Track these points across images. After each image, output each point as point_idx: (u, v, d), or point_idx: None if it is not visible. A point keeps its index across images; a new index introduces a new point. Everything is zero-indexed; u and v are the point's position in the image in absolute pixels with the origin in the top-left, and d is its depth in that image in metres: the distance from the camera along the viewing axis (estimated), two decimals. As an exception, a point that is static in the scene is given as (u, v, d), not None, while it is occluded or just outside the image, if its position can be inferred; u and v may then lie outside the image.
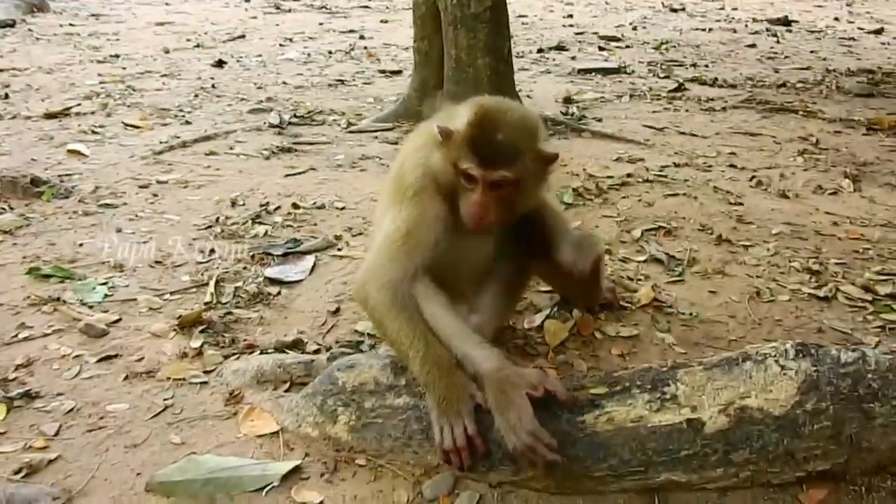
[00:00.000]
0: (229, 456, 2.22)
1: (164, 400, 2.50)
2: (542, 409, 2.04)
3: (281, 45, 10.08)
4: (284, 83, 7.67)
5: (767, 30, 12.05)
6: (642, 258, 3.66)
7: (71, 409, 2.44)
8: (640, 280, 3.44)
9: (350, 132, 5.91)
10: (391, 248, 2.31)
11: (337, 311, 3.14)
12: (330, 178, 4.78)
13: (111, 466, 2.21)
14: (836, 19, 13.49)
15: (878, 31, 12.13)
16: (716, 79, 8.12)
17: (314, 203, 4.31)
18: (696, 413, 2.03)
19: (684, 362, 2.19)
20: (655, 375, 2.14)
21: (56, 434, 2.33)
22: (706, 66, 9.01)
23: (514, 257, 2.62)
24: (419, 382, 2.20)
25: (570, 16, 13.38)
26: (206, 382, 2.61)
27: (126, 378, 2.63)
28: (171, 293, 3.24)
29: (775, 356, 2.09)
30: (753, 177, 4.92)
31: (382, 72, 8.42)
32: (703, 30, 11.97)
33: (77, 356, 2.74)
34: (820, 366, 2.06)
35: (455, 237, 2.36)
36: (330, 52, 9.54)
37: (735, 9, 14.58)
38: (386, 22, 12.45)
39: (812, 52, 10.18)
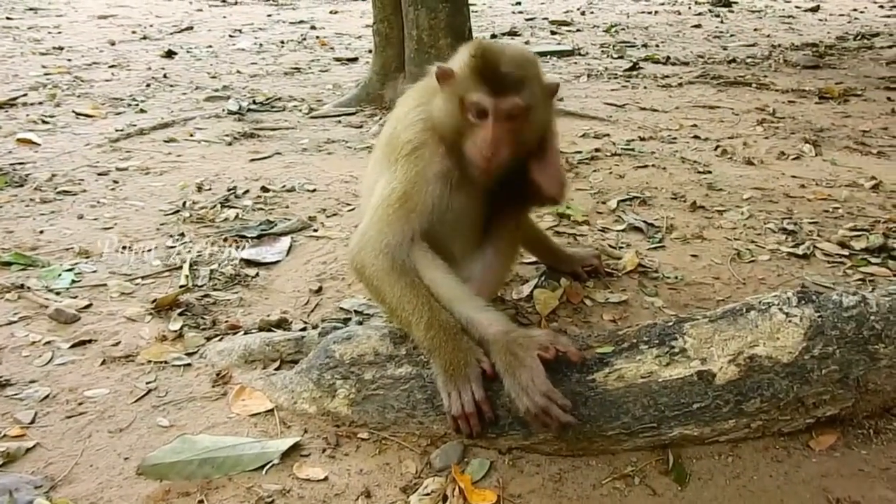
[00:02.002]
0: (224, 436, 2.12)
1: (147, 383, 2.38)
2: (550, 370, 1.98)
3: (231, 36, 9.86)
4: (239, 72, 7.49)
5: (710, 11, 12.29)
6: (621, 227, 3.65)
7: (46, 396, 2.31)
8: (621, 248, 3.42)
9: (312, 117, 5.79)
10: (387, 211, 2.22)
11: (319, 290, 3.04)
12: (297, 162, 4.66)
13: (96, 452, 2.08)
14: (774, -1, 13.82)
15: (815, 9, 12.48)
16: (668, 57, 8.20)
17: (284, 186, 4.19)
18: (706, 365, 2.00)
19: (688, 316, 2.16)
20: (661, 330, 2.10)
21: (32, 422, 2.20)
22: (657, 46, 9.11)
23: (505, 223, 2.55)
24: (423, 349, 2.12)
25: (519, 3, 13.40)
26: (189, 364, 2.49)
27: (103, 363, 2.49)
28: (143, 277, 3.10)
29: (779, 304, 2.08)
30: (718, 146, 4.97)
31: (338, 59, 8.29)
32: (649, 13, 12.13)
33: (48, 342, 2.60)
34: (823, 311, 2.05)
35: (453, 196, 2.28)
36: (282, 42, 9.36)
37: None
38: (335, 13, 12.30)
39: (755, 29, 10.38)
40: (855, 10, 12.51)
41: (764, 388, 1.98)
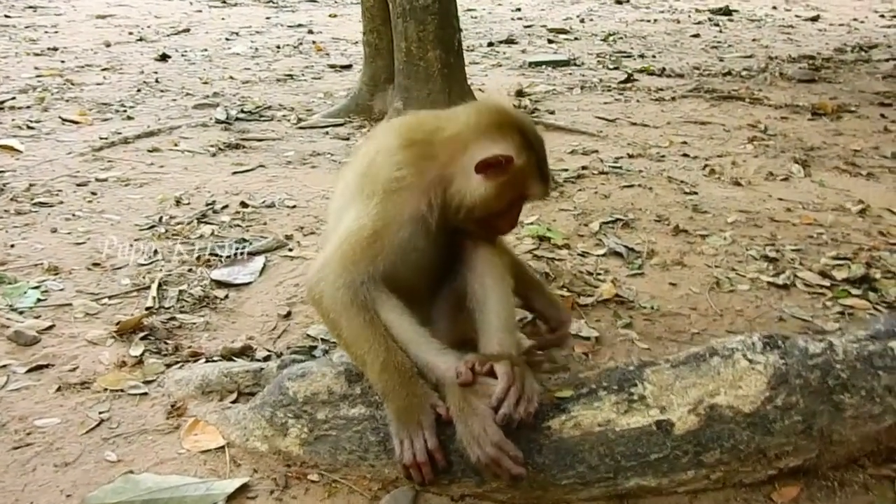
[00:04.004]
0: (170, 474, 2.06)
1: (100, 413, 2.33)
2: (505, 413, 1.93)
3: (227, 39, 9.79)
4: (231, 78, 7.43)
5: (710, 19, 12.17)
6: (601, 252, 3.60)
7: (-5, 426, 2.26)
8: (599, 275, 3.36)
9: (300, 128, 5.73)
10: (354, 247, 2.13)
11: (288, 314, 2.99)
12: (280, 176, 4.61)
13: (38, 487, 2.02)
14: (775, 8, 13.69)
15: (815, 19, 12.37)
16: (663, 69, 8.13)
17: (263, 201, 4.14)
18: (665, 414, 1.95)
19: (651, 360, 2.11)
20: (622, 375, 2.05)
21: (-24, 454, 2.15)
22: (653, 56, 9.03)
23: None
24: (377, 391, 2.06)
25: (518, 9, 13.31)
26: (146, 393, 2.43)
27: (58, 390, 2.44)
28: (110, 297, 3.05)
29: (743, 350, 2.03)
30: (706, 165, 4.91)
31: (332, 66, 8.22)
32: (648, 21, 12.03)
33: (4, 366, 2.54)
34: (788, 358, 2.00)
35: (422, 239, 2.21)
36: (278, 47, 9.29)
37: (677, 0, 14.71)
38: (334, 16, 12.20)
39: (754, 40, 10.30)
40: (855, 19, 12.40)
41: (724, 439, 1.93)
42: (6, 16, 10.92)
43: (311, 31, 10.58)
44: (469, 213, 2.19)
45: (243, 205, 4.08)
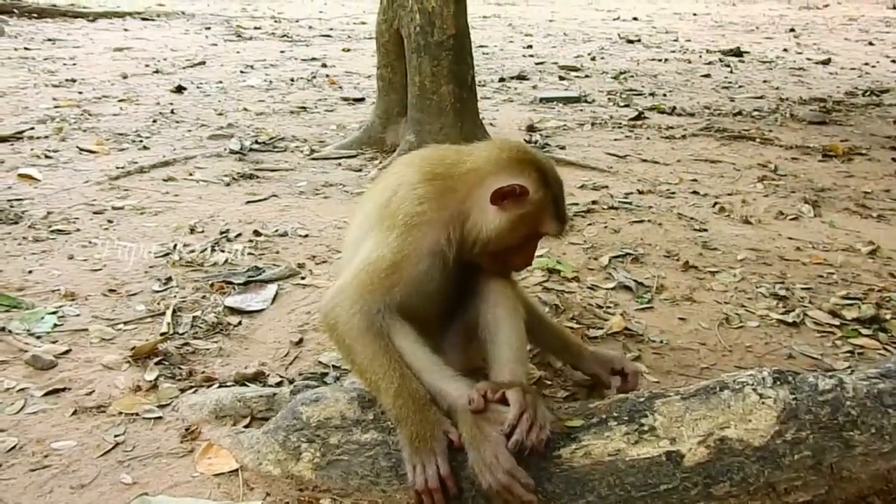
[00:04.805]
0: (184, 497, 2.09)
1: (115, 436, 2.35)
2: (516, 442, 1.95)
3: (242, 71, 9.97)
4: (245, 109, 7.56)
5: (721, 60, 12.28)
6: (611, 285, 3.63)
7: (13, 447, 2.28)
8: (609, 308, 3.39)
9: (313, 159, 5.81)
10: (372, 276, 2.17)
11: (300, 341, 3.02)
12: (292, 206, 4.68)
13: (56, 510, 2.06)
14: (786, 50, 13.82)
15: (826, 62, 12.45)
16: (674, 107, 8.21)
17: (276, 230, 4.20)
18: (675, 445, 1.96)
19: (661, 392, 2.13)
20: (632, 406, 2.07)
21: (-5, 475, 2.18)
22: (664, 95, 9.12)
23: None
24: (390, 417, 2.09)
25: (530, 46, 13.50)
26: (160, 417, 2.47)
27: (74, 413, 2.47)
28: (125, 323, 3.09)
29: (753, 384, 2.04)
30: (716, 203, 4.95)
31: (345, 99, 8.36)
32: (659, 60, 12.16)
33: (22, 389, 2.58)
34: (798, 393, 2.02)
35: (438, 271, 2.26)
36: (292, 80, 9.45)
37: (688, 40, 14.89)
38: (348, 51, 12.41)
39: (765, 81, 10.38)
40: (866, 63, 12.49)
41: (734, 472, 1.93)
42: (26, 48, 11.15)
43: (324, 65, 10.75)
44: (484, 247, 2.23)
45: (256, 233, 4.14)
